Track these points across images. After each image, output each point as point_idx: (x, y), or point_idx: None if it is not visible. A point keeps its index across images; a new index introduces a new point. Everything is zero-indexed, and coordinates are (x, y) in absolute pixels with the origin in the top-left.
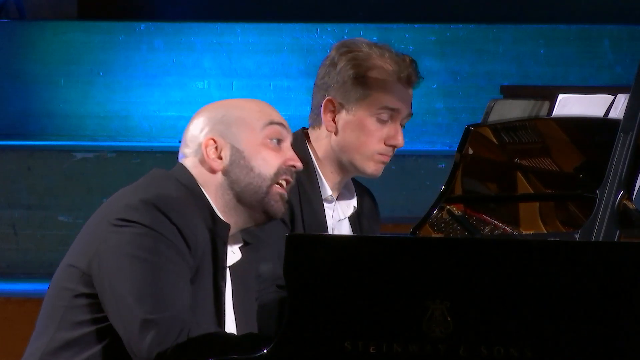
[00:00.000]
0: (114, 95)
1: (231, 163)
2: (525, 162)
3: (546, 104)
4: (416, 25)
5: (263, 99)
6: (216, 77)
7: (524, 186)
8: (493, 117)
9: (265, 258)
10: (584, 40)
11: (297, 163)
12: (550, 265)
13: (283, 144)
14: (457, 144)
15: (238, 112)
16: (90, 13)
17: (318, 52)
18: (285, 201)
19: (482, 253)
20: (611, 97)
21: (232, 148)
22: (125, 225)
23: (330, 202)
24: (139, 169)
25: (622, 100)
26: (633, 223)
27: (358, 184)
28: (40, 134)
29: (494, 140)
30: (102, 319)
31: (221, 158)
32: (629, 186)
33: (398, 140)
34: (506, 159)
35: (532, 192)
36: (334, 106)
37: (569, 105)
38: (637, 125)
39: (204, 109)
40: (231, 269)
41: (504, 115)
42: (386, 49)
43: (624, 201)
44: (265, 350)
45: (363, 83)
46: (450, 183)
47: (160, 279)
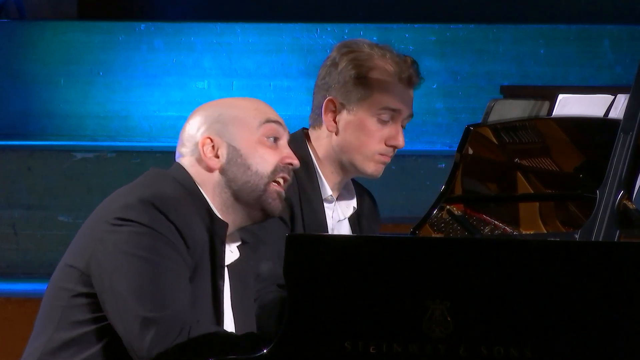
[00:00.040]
0: (114, 95)
1: (228, 161)
2: (525, 162)
3: (546, 104)
4: (416, 25)
5: (263, 99)
6: (216, 77)
7: (524, 186)
8: (493, 117)
9: (265, 257)
10: (584, 40)
11: (294, 161)
12: (550, 265)
13: (280, 142)
14: (457, 144)
15: (234, 111)
16: (90, 13)
17: (318, 52)
18: (282, 199)
19: (482, 253)
20: (611, 97)
21: (229, 146)
22: (123, 224)
23: (330, 202)
24: (139, 169)
25: (622, 100)
26: (633, 223)
27: (358, 185)
28: (40, 134)
29: (494, 140)
30: (101, 319)
31: (218, 157)
32: (629, 186)
33: (399, 140)
34: (506, 159)
35: (532, 192)
36: (335, 106)
37: (569, 105)
38: (637, 125)
39: (200, 108)
40: (229, 268)
41: (504, 115)
42: (387, 50)
43: (624, 201)
44: (265, 350)
45: (364, 83)
46: (450, 183)
47: (160, 278)
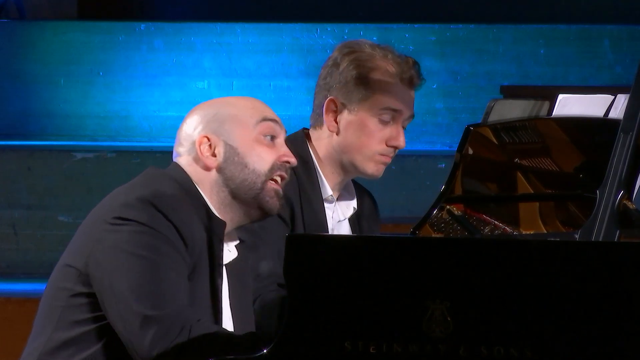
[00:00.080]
0: (114, 95)
1: (225, 160)
2: (525, 162)
3: (546, 104)
4: (416, 25)
5: (263, 99)
6: (216, 77)
7: (524, 186)
8: (493, 117)
9: (265, 257)
10: (584, 40)
11: (291, 159)
12: (550, 265)
13: (277, 140)
14: (457, 144)
15: (231, 110)
16: (90, 13)
17: (318, 52)
18: (280, 197)
19: (482, 253)
20: (611, 97)
21: (226, 145)
22: (122, 223)
23: (330, 203)
24: (139, 169)
25: (622, 100)
26: (633, 223)
27: (358, 186)
28: (40, 134)
29: (494, 140)
30: (100, 318)
31: (215, 155)
32: (629, 186)
33: (399, 141)
34: (506, 159)
35: (532, 192)
36: (336, 106)
37: (569, 105)
38: (637, 125)
39: (197, 108)
40: (227, 267)
41: (504, 115)
42: (389, 50)
43: (624, 201)
44: (265, 350)
45: (365, 84)
46: (450, 183)
47: (159, 276)
